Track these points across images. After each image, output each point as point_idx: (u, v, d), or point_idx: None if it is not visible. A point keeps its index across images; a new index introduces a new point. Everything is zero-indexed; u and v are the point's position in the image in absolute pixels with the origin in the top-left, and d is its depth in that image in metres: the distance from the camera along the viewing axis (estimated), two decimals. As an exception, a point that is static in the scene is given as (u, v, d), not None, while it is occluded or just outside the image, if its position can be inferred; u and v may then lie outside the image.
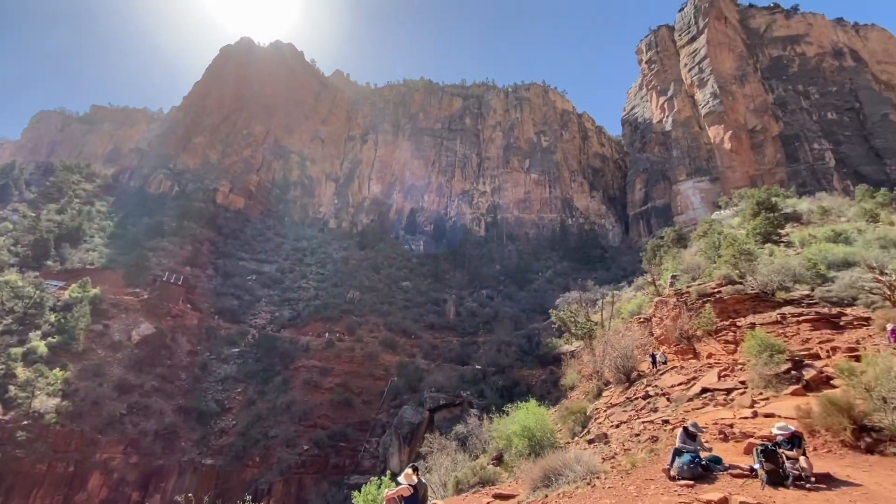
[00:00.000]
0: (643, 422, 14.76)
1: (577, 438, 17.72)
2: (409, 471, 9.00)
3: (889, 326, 15.10)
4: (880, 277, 20.45)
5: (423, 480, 9.55)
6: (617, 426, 16.41)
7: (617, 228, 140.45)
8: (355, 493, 18.13)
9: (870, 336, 16.28)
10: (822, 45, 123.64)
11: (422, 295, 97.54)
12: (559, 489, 9.97)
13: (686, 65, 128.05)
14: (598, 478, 9.91)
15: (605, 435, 15.65)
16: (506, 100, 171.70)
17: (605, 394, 22.91)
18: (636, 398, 17.93)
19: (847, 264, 25.07)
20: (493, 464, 20.37)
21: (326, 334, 72.26)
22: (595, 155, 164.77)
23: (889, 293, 18.99)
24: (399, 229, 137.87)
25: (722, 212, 62.44)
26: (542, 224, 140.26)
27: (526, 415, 17.94)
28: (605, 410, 19.41)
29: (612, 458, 12.83)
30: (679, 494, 7.59)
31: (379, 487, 16.95)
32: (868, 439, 8.93)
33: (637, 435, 14.01)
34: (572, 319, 32.10)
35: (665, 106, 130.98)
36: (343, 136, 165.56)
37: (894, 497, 6.68)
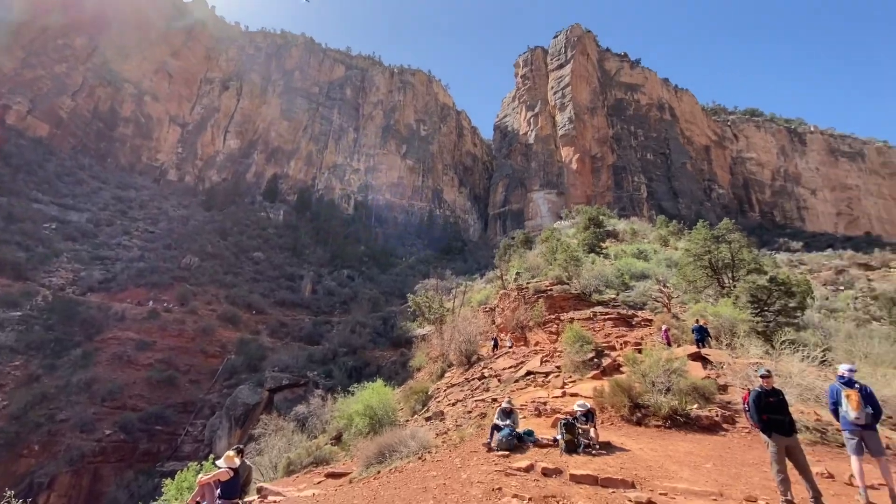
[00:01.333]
0: (476, 400, 16.14)
1: (416, 416, 18.53)
2: (230, 453, 8.21)
3: (663, 328, 19.26)
4: (662, 289, 25.94)
5: (248, 463, 8.83)
6: (454, 404, 17.63)
7: (478, 225, 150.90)
8: (167, 482, 16.02)
9: (650, 334, 20.57)
10: (652, 97, 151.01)
11: (275, 269, 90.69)
12: (392, 465, 10.25)
13: (552, 87, 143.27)
14: (429, 452, 10.47)
15: (442, 413, 16.69)
16: (390, 80, 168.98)
17: (447, 375, 24.45)
18: (473, 379, 19.53)
19: (644, 276, 31.21)
20: (331, 443, 20.06)
21: (150, 302, 61.99)
22: (467, 153, 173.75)
23: (667, 302, 24.20)
24: (256, 194, 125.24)
25: (563, 222, 71.84)
26: (411, 211, 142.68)
27: (371, 394, 18.07)
28: (445, 390, 20.69)
29: (445, 433, 13.73)
30: (496, 464, 8.46)
31: (198, 473, 15.23)
32: (639, 414, 11.24)
33: (469, 412, 15.25)
34: (427, 305, 33.47)
35: (531, 121, 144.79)
36: (199, 76, 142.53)
37: (649, 457, 8.51)
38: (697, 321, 18.69)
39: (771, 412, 6.93)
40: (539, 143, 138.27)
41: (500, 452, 9.21)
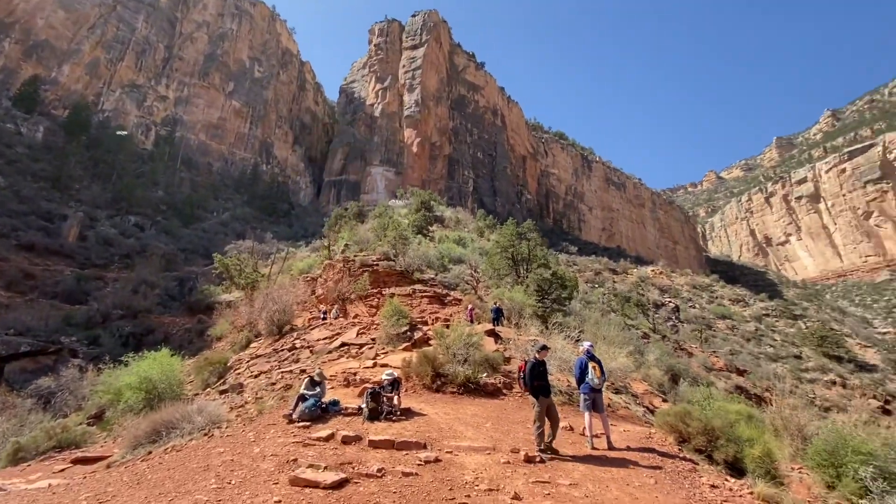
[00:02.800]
0: (283, 371, 15.29)
1: (209, 389, 16.57)
2: None
3: (469, 307, 21.56)
4: (473, 274, 29.01)
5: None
6: (256, 376, 16.34)
7: (310, 189, 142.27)
8: None
9: (459, 312, 22.81)
10: (489, 101, 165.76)
11: (23, 201, 68.40)
12: (169, 443, 8.89)
13: (404, 66, 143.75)
14: (219, 427, 9.45)
15: (241, 385, 15.30)
16: (223, 2, 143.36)
17: (253, 345, 22.54)
18: (283, 349, 18.45)
19: (460, 261, 34.35)
20: (88, 423, 16.45)
21: None
22: (307, 110, 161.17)
23: (475, 284, 27.16)
24: (3, 98, 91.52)
25: (397, 201, 73.52)
26: (232, 161, 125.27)
27: (151, 364, 15.31)
28: (248, 361, 19.02)
29: (242, 406, 12.63)
30: (295, 435, 8.14)
31: None
32: (439, 382, 12.34)
33: (274, 384, 14.35)
34: (238, 268, 30.03)
35: (379, 94, 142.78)
36: None
37: (442, 421, 9.41)
38: (495, 303, 21.48)
39: (540, 379, 8.43)
40: (385, 119, 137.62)
41: (302, 424, 8.91)
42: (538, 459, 7.40)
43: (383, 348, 16.42)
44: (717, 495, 6.67)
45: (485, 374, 12.85)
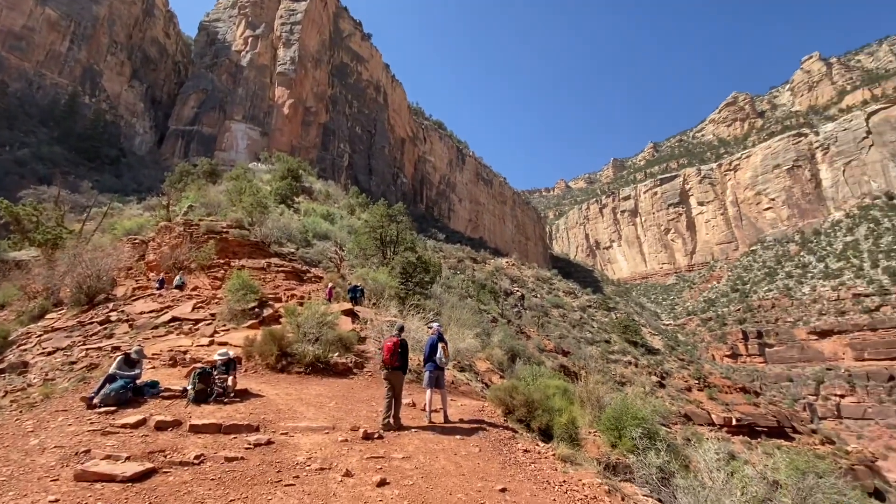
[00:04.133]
0: (89, 348, 12.77)
1: (-27, 370, 12.96)
2: None
3: (329, 285, 20.88)
4: (338, 251, 28.14)
5: None
6: (50, 353, 13.36)
7: (149, 136, 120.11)
8: None
9: (318, 290, 21.90)
10: (373, 76, 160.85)
11: None
12: None
13: (282, 17, 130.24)
14: (-22, 418, 7.46)
15: (26, 363, 12.34)
16: None
17: (50, 316, 18.34)
18: (92, 323, 15.39)
19: (326, 237, 32.95)
20: None
21: None
22: (154, 41, 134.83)
23: (339, 263, 26.39)
24: None
25: (260, 165, 66.88)
26: (41, 84, 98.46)
27: None
28: (40, 335, 15.44)
29: (23, 390, 10.24)
30: (92, 423, 6.87)
31: None
32: (284, 362, 11.69)
33: (74, 363, 11.90)
34: (34, 219, 23.86)
35: (249, 41, 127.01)
36: None
37: (282, 402, 8.95)
38: (352, 283, 21.25)
39: (403, 359, 8.85)
40: (253, 71, 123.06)
41: (106, 409, 7.56)
42: (376, 436, 7.57)
43: (224, 325, 14.90)
44: (528, 458, 7.71)
45: (336, 354, 12.62)
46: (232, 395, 8.83)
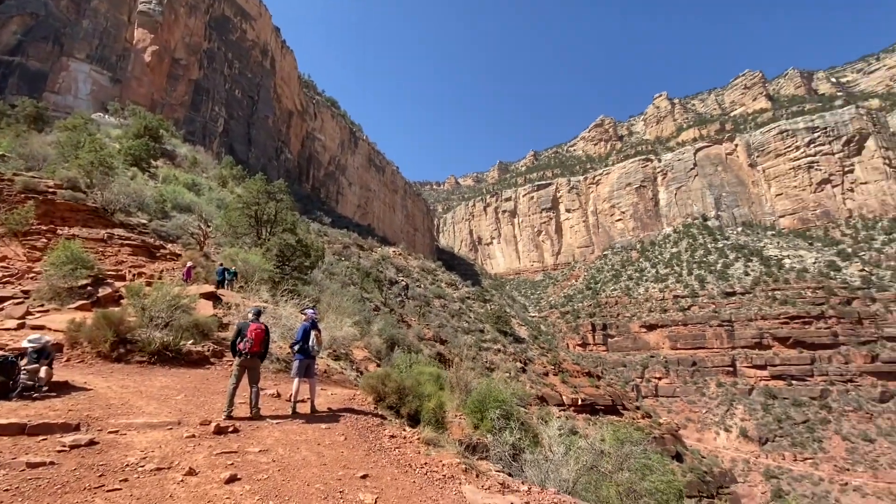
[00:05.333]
0: None
1: None
2: None
3: (188, 264, 18.55)
4: (203, 227, 25.13)
5: None
6: None
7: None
8: None
9: (174, 269, 19.29)
10: (260, 37, 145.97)
11: None
12: None
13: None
14: None
15: None
16: None
17: None
18: None
19: (188, 209, 29.13)
20: None
21: None
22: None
23: (202, 240, 23.59)
24: None
25: (107, 117, 56.27)
26: None
27: None
28: None
29: None
30: None
31: None
32: (122, 350, 10.08)
33: None
34: None
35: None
36: None
37: (114, 395, 7.71)
38: (222, 264, 19.29)
39: (263, 344, 8.42)
40: (106, 3, 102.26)
41: None
42: (231, 430, 6.99)
43: (42, 305, 12.28)
44: (393, 444, 7.87)
45: (191, 342, 11.29)
46: (45, 388, 7.33)
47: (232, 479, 5.32)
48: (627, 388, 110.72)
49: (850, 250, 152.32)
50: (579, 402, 53.17)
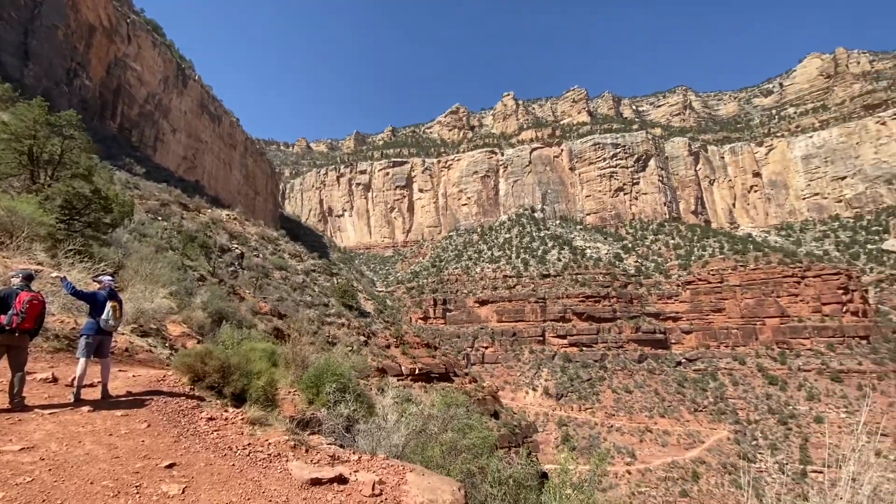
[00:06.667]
0: None
1: None
2: None
3: None
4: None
5: None
6: None
7: None
8: None
9: None
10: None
11: None
12: None
13: None
14: None
15: None
16: None
17: None
18: None
19: None
20: None
21: None
22: None
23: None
24: None
25: None
26: None
27: None
28: None
29: None
30: None
31: None
32: None
33: None
34: None
35: None
36: None
37: None
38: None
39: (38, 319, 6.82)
40: None
41: None
42: (-26, 427, 5.38)
43: None
44: (211, 426, 7.12)
45: None
46: None
47: (-31, 491, 4.12)
48: (460, 357, 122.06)
49: (630, 245, 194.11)
50: (416, 372, 56.46)
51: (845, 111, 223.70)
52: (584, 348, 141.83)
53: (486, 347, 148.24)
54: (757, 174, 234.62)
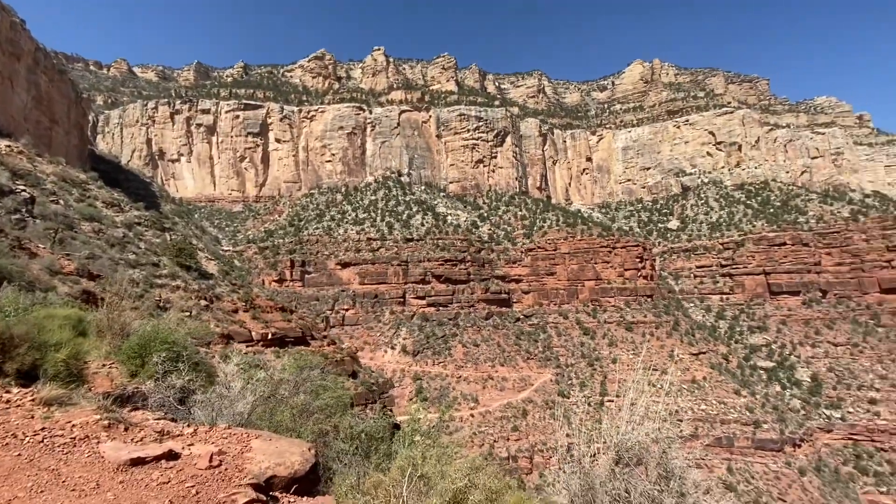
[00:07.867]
0: None
1: None
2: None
3: None
4: None
5: None
6: None
7: None
8: None
9: None
10: None
11: None
12: None
13: None
14: None
15: None
16: None
17: None
18: None
19: None
20: None
21: None
22: None
23: None
24: None
25: None
26: None
27: None
28: None
29: None
30: None
31: None
32: None
33: None
34: None
35: None
36: None
37: None
38: None
39: None
40: None
41: None
42: None
43: None
44: (-16, 413, 5.69)
45: None
46: None
47: None
48: (318, 321, 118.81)
49: (486, 214, 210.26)
50: (270, 337, 53.31)
51: (655, 113, 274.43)
52: (440, 308, 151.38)
53: (347, 310, 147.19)
54: (589, 159, 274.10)
